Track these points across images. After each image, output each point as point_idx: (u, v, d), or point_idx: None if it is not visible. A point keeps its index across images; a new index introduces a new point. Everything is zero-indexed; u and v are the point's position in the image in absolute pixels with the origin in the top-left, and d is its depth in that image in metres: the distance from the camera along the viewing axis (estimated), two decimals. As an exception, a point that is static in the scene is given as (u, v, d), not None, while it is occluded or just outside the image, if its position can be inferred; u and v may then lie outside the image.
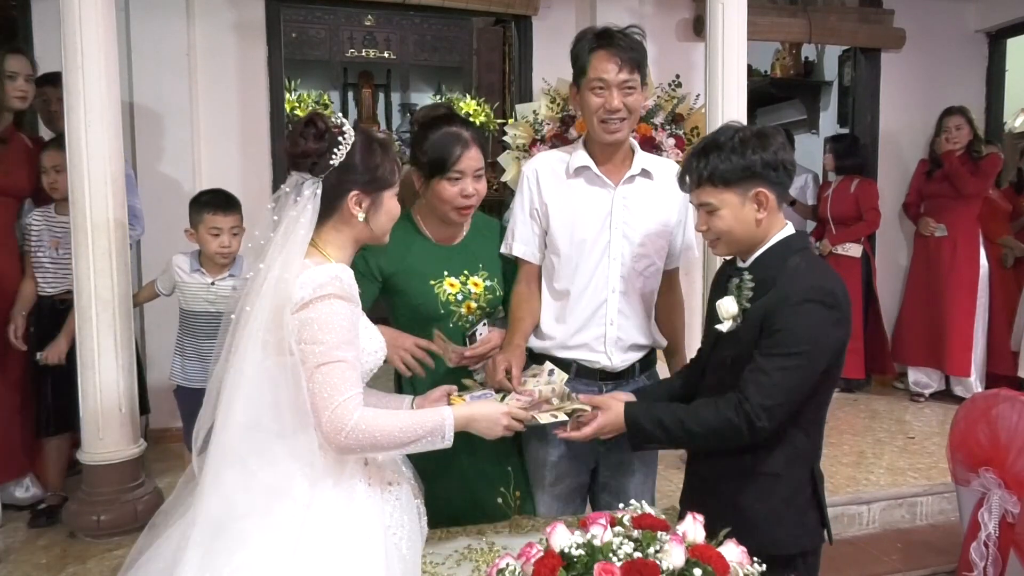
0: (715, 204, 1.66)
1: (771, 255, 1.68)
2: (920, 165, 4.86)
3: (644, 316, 2.04)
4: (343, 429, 1.36)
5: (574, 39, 1.99)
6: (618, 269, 1.98)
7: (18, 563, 2.66)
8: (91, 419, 2.72)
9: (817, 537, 1.75)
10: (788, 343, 1.58)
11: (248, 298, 1.43)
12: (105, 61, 2.65)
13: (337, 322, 1.39)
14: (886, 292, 4.99)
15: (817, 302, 1.59)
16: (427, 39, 8.14)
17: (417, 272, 1.95)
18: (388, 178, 1.53)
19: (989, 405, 2.29)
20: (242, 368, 1.39)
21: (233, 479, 1.38)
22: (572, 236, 1.98)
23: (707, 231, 1.71)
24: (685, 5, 4.55)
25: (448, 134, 1.90)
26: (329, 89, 8.02)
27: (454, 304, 1.97)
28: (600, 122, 1.93)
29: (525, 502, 2.06)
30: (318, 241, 1.49)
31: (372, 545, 1.41)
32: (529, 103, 3.90)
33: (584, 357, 2.00)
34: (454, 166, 1.89)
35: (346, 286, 1.42)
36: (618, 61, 1.89)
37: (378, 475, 1.51)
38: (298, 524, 1.36)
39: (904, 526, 3.24)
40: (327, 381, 1.37)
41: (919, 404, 4.67)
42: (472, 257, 2.02)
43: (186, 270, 2.83)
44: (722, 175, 1.64)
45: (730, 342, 1.70)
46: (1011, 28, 5.04)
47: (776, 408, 1.59)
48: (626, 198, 1.99)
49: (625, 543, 1.22)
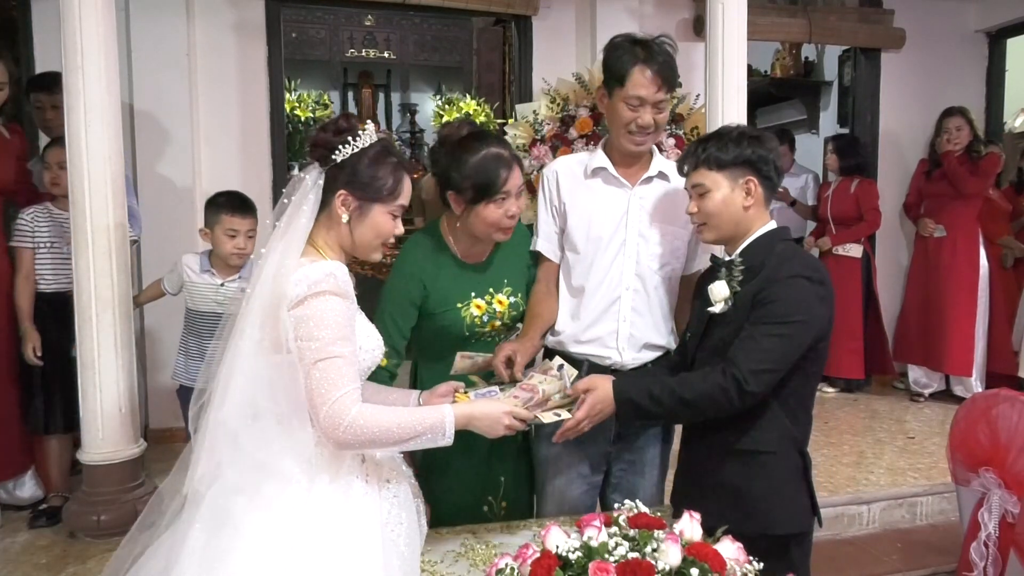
0: (707, 185, 1.77)
1: (759, 244, 1.77)
2: (920, 165, 4.86)
3: (660, 316, 2.05)
4: (340, 424, 1.37)
5: (610, 44, 1.99)
6: (633, 267, 2.00)
7: (18, 563, 2.66)
8: (91, 419, 2.72)
9: (808, 519, 1.80)
10: (778, 314, 1.67)
11: (250, 288, 1.46)
12: (105, 61, 2.65)
13: (332, 318, 1.40)
14: (886, 292, 4.98)
15: (804, 277, 1.69)
16: (427, 39, 8.15)
17: (446, 294, 1.95)
18: (383, 193, 1.53)
19: (989, 405, 2.29)
20: (236, 361, 1.41)
21: (227, 455, 1.40)
22: (588, 233, 2.01)
23: (696, 213, 1.80)
24: (685, 5, 4.55)
25: (490, 157, 1.88)
26: (329, 89, 8.03)
27: (479, 326, 1.98)
28: (628, 133, 1.97)
29: (512, 512, 2.06)
30: (316, 239, 1.52)
31: (369, 540, 1.41)
32: (529, 103, 3.90)
33: (596, 352, 2.01)
34: (502, 188, 1.87)
35: (341, 283, 1.43)
36: (659, 81, 1.91)
37: (375, 472, 1.51)
38: (294, 514, 1.37)
39: (904, 526, 3.24)
40: (324, 377, 1.38)
41: (919, 404, 4.67)
42: (497, 274, 2.02)
43: (196, 270, 2.84)
44: (717, 159, 1.76)
45: (721, 325, 1.76)
46: (1011, 28, 5.03)
47: (764, 374, 1.65)
48: (643, 198, 2.02)
49: (621, 543, 1.22)
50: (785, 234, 1.84)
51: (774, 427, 1.73)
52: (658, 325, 2.04)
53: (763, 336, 1.66)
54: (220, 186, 3.53)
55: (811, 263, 1.77)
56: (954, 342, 4.50)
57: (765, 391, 1.67)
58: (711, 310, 1.77)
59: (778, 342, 1.65)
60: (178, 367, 2.91)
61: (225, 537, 1.34)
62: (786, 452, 1.75)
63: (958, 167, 4.44)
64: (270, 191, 4.05)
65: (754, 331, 1.67)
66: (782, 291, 1.67)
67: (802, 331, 1.67)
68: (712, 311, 1.77)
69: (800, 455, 1.78)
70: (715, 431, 1.77)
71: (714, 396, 1.67)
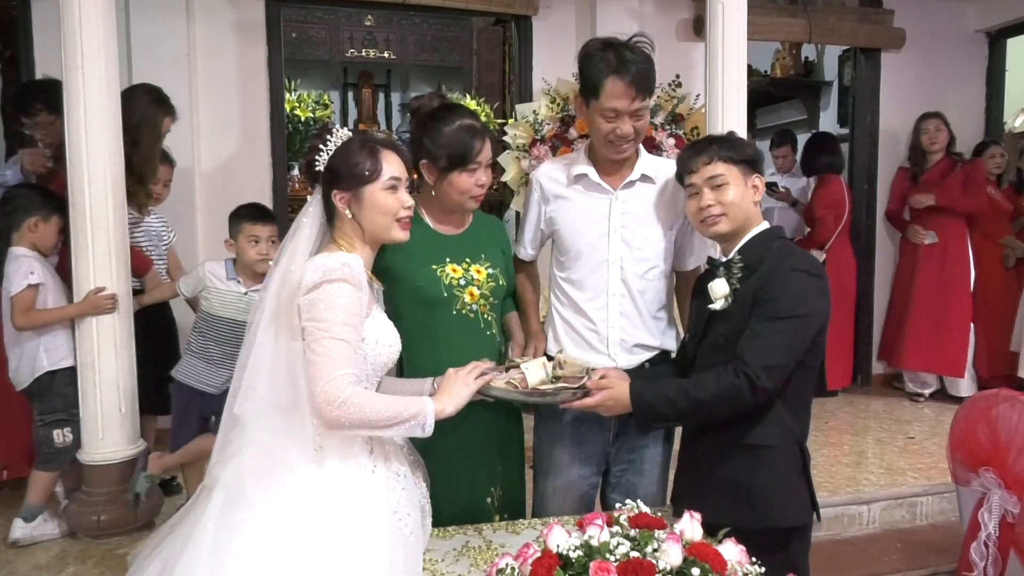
0: (726, 177, 1.80)
1: (756, 242, 1.81)
2: (899, 173, 4.90)
3: (650, 317, 2.05)
4: (335, 400, 1.42)
5: (582, 51, 1.96)
6: (618, 273, 2.00)
7: (18, 563, 2.66)
8: (91, 419, 2.72)
9: (808, 513, 1.82)
10: (781, 309, 1.70)
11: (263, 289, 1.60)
12: (105, 61, 2.65)
13: (342, 304, 1.48)
14: (882, 295, 5.04)
15: (803, 271, 1.74)
16: (427, 39, 8.14)
17: (418, 257, 1.95)
18: (366, 175, 1.59)
19: (989, 405, 2.29)
20: (252, 354, 1.53)
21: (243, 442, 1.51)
22: (573, 242, 2.03)
23: (712, 205, 1.80)
24: (685, 5, 4.55)
25: (464, 127, 1.94)
26: (329, 89, 8.02)
27: (457, 289, 1.96)
28: (608, 143, 1.95)
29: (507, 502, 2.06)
30: (339, 241, 1.62)
31: (377, 521, 1.48)
32: (529, 103, 3.90)
33: (590, 358, 2.00)
34: (475, 158, 1.92)
35: (355, 273, 1.51)
36: (633, 92, 1.88)
37: (384, 464, 1.57)
38: (304, 491, 1.46)
39: (904, 526, 3.24)
40: (326, 353, 1.45)
41: (919, 404, 4.67)
42: (474, 246, 2.03)
43: (222, 278, 2.86)
44: (731, 156, 1.81)
45: (721, 322, 1.79)
46: (1011, 28, 5.03)
47: (775, 368, 1.68)
48: (625, 203, 2.02)
49: (622, 543, 1.22)
50: (780, 232, 1.88)
51: (775, 421, 1.75)
52: (649, 326, 2.05)
53: (770, 332, 1.69)
54: (220, 186, 3.56)
55: (808, 258, 1.83)
56: (945, 345, 4.56)
57: (777, 386, 1.69)
58: (711, 307, 1.79)
59: (785, 337, 1.69)
60: (184, 367, 2.91)
61: (238, 511, 1.43)
62: (787, 446, 1.78)
63: (953, 198, 4.50)
64: (270, 191, 4.05)
65: (760, 328, 1.70)
66: (784, 286, 1.71)
67: (806, 324, 1.71)
68: (712, 308, 1.79)
69: (800, 449, 1.80)
70: (716, 427, 1.79)
71: (728, 395, 1.69)
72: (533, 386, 1.72)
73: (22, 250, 2.84)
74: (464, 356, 1.90)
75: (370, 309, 1.60)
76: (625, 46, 1.91)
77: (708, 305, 1.80)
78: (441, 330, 1.96)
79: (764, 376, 1.66)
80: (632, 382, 1.79)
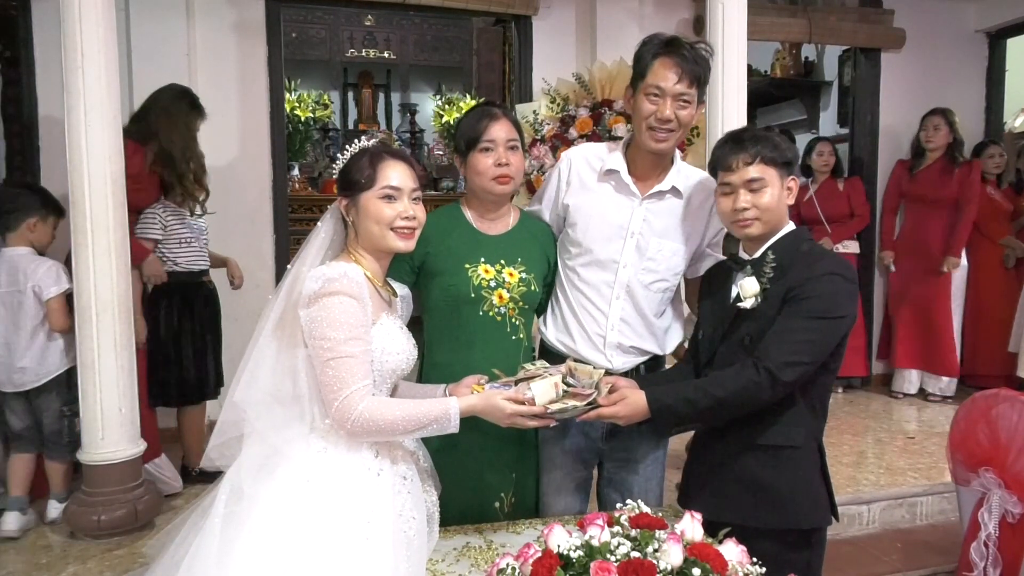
0: (766, 180, 1.77)
1: (786, 242, 1.80)
2: (898, 165, 4.93)
3: (651, 325, 2.04)
4: (349, 419, 1.51)
5: (641, 43, 1.97)
6: (625, 278, 1.99)
7: (18, 563, 2.66)
8: (91, 419, 2.72)
9: (828, 514, 1.82)
10: (815, 308, 1.69)
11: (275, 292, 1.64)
12: (105, 61, 2.65)
13: (343, 319, 1.51)
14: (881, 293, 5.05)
15: (839, 275, 1.72)
16: (427, 39, 8.16)
17: (454, 254, 1.96)
18: (363, 182, 1.63)
19: (989, 405, 2.29)
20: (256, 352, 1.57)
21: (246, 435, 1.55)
22: (586, 237, 2.01)
23: (748, 209, 1.77)
24: (685, 5, 4.55)
25: (476, 110, 2.01)
26: (329, 89, 8.04)
27: (486, 290, 1.96)
28: (648, 129, 1.93)
29: (518, 508, 2.06)
30: (351, 250, 1.67)
31: (381, 527, 1.49)
32: (529, 103, 3.90)
33: (586, 355, 2.00)
34: (484, 136, 1.93)
35: (354, 284, 1.54)
36: (679, 71, 1.88)
37: (391, 467, 1.59)
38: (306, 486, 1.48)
39: (904, 526, 3.24)
40: (336, 375, 1.51)
41: (919, 404, 4.67)
42: (511, 249, 2.02)
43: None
44: (772, 158, 1.77)
45: (748, 320, 1.77)
46: (1011, 28, 5.03)
47: (798, 366, 1.67)
48: (649, 212, 2.00)
49: (623, 543, 1.22)
50: (807, 234, 1.86)
51: (800, 422, 1.75)
52: (647, 334, 2.04)
53: (798, 329, 1.68)
54: (220, 185, 3.55)
55: (842, 262, 1.81)
56: (937, 343, 4.60)
57: (797, 383, 1.69)
58: (741, 305, 1.77)
59: (814, 335, 1.68)
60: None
61: (242, 506, 1.46)
62: (809, 447, 1.78)
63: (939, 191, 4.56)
64: (270, 191, 4.05)
65: (789, 324, 1.69)
66: (819, 287, 1.69)
67: (836, 327, 1.71)
68: (742, 307, 1.77)
69: (819, 449, 1.81)
70: (736, 425, 1.77)
71: (748, 390, 1.68)
72: (542, 404, 1.70)
73: (25, 250, 2.93)
74: (485, 358, 1.92)
75: (377, 316, 1.61)
76: (682, 38, 1.94)
77: (737, 303, 1.78)
78: (466, 329, 1.96)
79: (786, 371, 1.65)
80: (647, 388, 1.78)
